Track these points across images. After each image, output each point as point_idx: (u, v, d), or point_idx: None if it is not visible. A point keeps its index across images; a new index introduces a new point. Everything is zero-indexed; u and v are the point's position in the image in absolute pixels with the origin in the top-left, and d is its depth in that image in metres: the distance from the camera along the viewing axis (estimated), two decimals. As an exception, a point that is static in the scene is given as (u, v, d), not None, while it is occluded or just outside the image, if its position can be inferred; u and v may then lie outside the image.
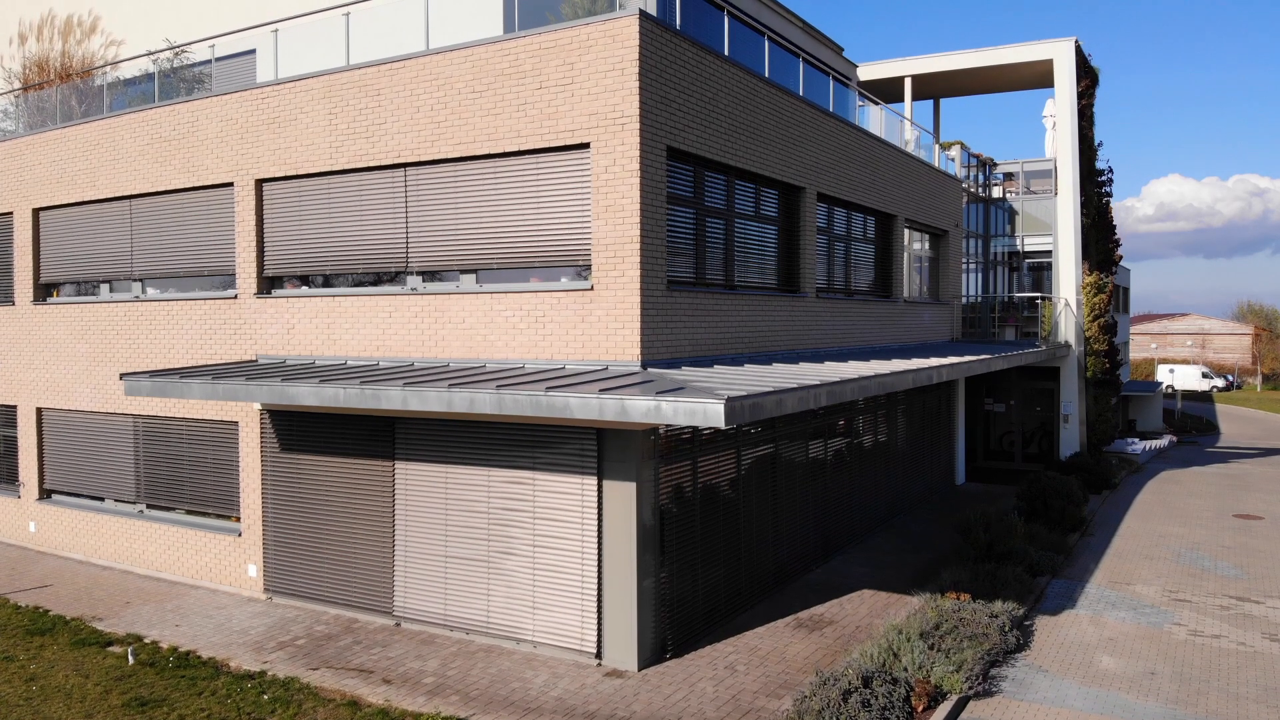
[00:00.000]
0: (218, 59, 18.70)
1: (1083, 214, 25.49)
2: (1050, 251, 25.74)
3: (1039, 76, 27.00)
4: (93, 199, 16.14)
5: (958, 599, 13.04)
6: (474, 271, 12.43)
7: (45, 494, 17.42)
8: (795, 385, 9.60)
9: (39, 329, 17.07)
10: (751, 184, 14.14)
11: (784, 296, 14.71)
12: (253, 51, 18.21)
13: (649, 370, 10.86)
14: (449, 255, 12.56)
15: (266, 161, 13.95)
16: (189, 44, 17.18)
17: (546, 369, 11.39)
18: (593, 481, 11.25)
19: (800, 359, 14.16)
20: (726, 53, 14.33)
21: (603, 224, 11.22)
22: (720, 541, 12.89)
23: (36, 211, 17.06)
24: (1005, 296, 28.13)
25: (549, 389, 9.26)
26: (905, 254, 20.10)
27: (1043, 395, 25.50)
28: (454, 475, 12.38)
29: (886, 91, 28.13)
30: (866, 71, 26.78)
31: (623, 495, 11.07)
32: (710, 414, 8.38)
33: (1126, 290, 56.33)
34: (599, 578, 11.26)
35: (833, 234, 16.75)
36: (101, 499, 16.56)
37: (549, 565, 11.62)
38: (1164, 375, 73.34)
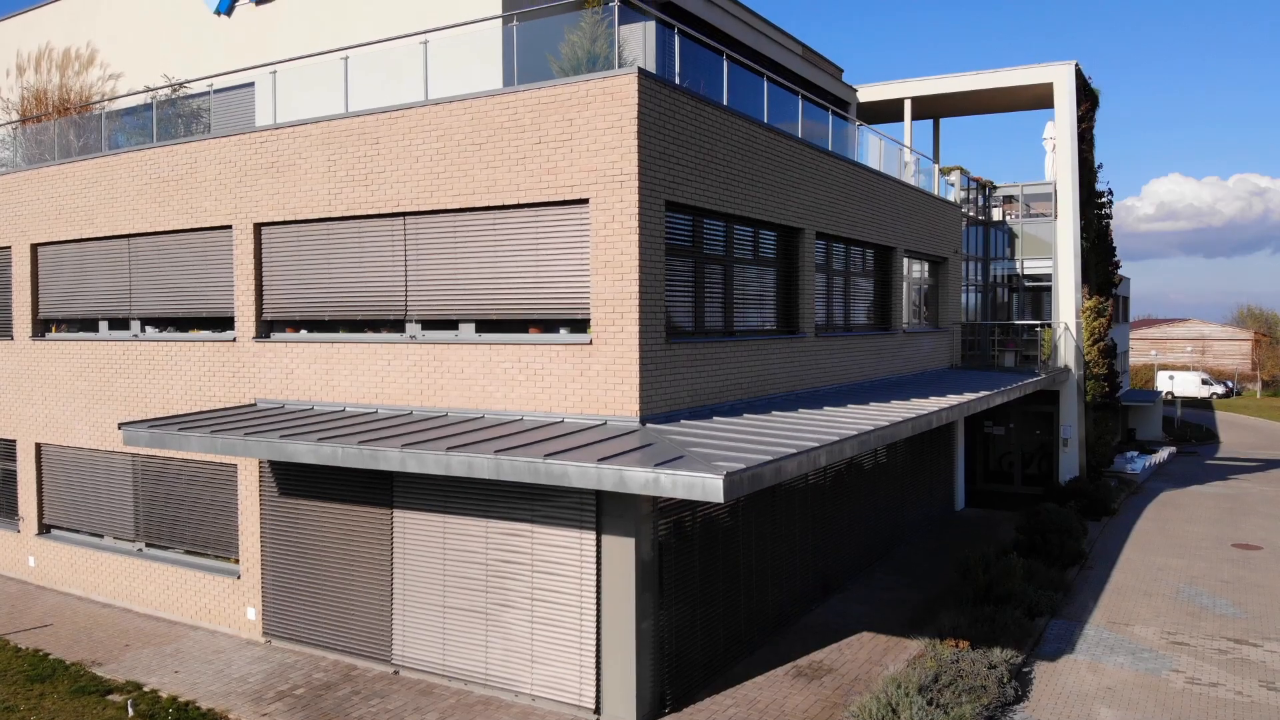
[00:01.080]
0: (216, 91, 18.70)
1: (1082, 237, 25.48)
2: (1050, 275, 25.74)
3: (1039, 98, 26.99)
4: (91, 236, 16.14)
5: (956, 646, 13.05)
6: (473, 321, 12.43)
7: (44, 529, 17.42)
8: (794, 450, 9.60)
9: (38, 364, 17.07)
10: (750, 227, 14.14)
11: (783, 339, 14.71)
12: (251, 85, 18.20)
13: (648, 427, 10.87)
14: (448, 304, 12.56)
15: (265, 205, 13.94)
16: (187, 83, 17.16)
17: (545, 422, 11.40)
18: (591, 536, 11.25)
19: (798, 401, 14.16)
20: (725, 94, 14.35)
21: (602, 279, 11.22)
22: (720, 590, 12.89)
23: (35, 247, 17.05)
24: (1005, 320, 28.13)
25: (547, 456, 9.27)
26: (904, 284, 20.10)
27: (1042, 418, 25.50)
28: (452, 525, 12.38)
29: (886, 112, 28.12)
30: (866, 93, 26.75)
31: (621, 551, 11.06)
32: (709, 489, 8.38)
33: (1126, 300, 56.33)
34: (598, 632, 11.26)
35: (831, 270, 16.75)
36: (100, 536, 16.56)
37: (547, 619, 11.63)
38: (1164, 382, 73.33)
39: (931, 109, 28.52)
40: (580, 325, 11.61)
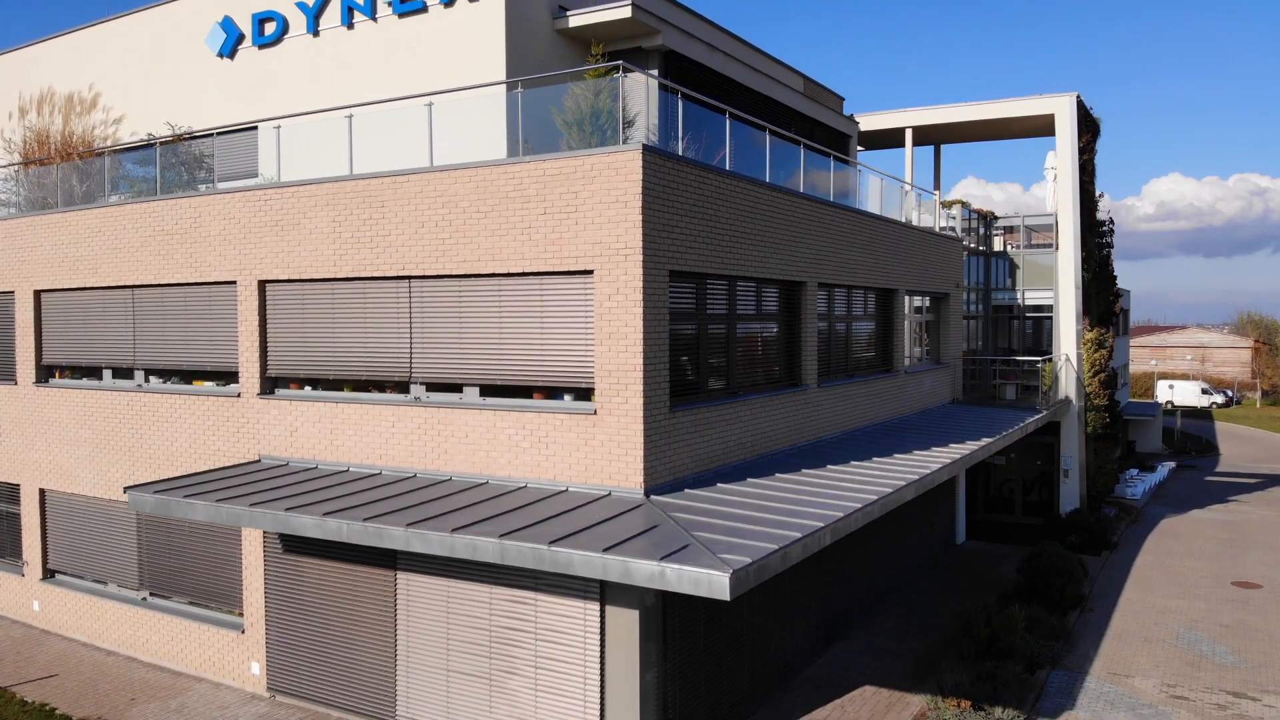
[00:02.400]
0: (220, 131, 18.75)
1: (1083, 268, 25.52)
2: (1051, 305, 25.78)
3: (1041, 127, 27.01)
4: (95, 285, 16.17)
5: (958, 706, 13.12)
6: (477, 385, 12.48)
7: (49, 573, 17.47)
8: (799, 535, 9.66)
9: (41, 410, 17.11)
10: (753, 283, 14.19)
11: (785, 393, 14.75)
12: (254, 127, 18.26)
13: (652, 500, 10.92)
14: (452, 368, 12.61)
15: (269, 263, 13.98)
16: (192, 134, 17.19)
17: (550, 491, 11.45)
18: (595, 607, 11.29)
19: (801, 458, 14.20)
20: (728, 149, 14.39)
21: (606, 350, 11.27)
22: (723, 654, 12.95)
23: (38, 293, 17.08)
24: (1006, 348, 28.16)
25: (552, 543, 9.32)
26: (906, 323, 20.14)
27: (1043, 448, 25.55)
28: (455, 589, 12.43)
29: (888, 140, 28.15)
30: (868, 122, 26.78)
31: (625, 622, 11.11)
32: (715, 586, 8.44)
33: (1126, 312, 56.39)
34: (601, 703, 11.31)
35: (833, 317, 16.79)
36: (104, 583, 16.61)
37: (551, 687, 11.68)
38: (1163, 391, 73.38)
39: (932, 137, 28.55)
40: (585, 393, 11.67)
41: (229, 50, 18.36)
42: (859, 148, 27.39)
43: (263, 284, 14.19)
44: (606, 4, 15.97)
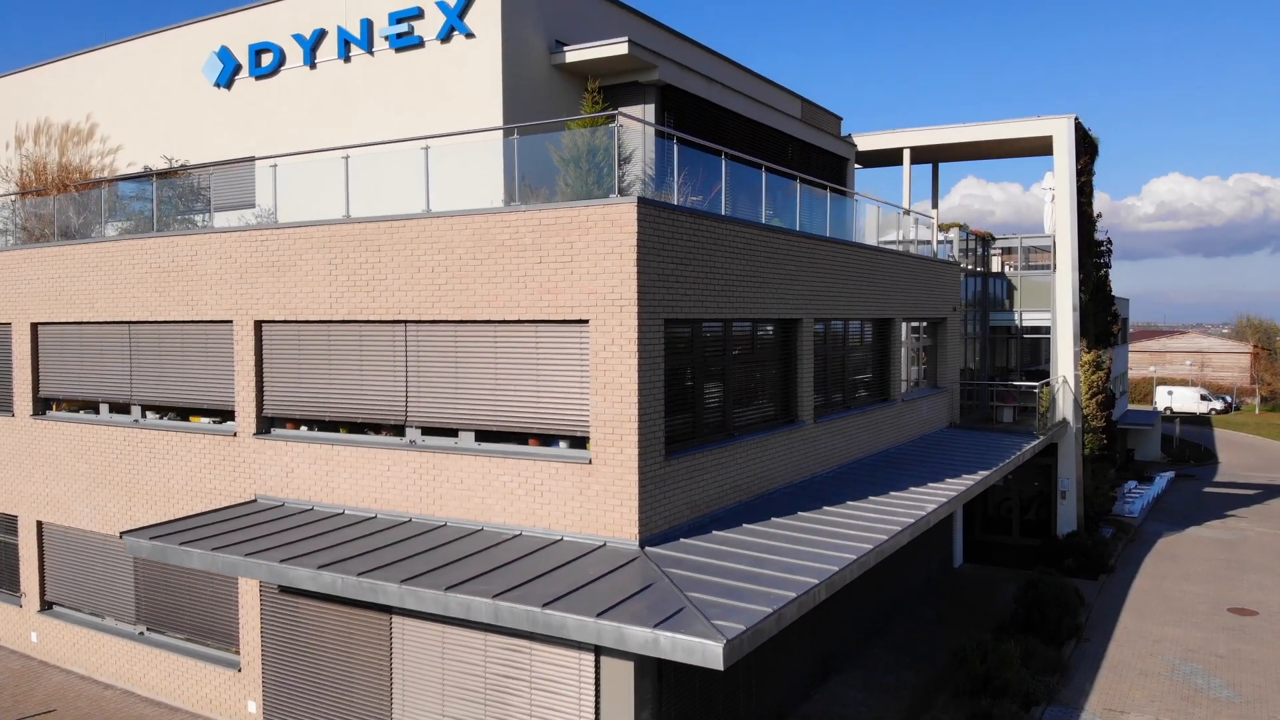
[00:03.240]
0: (216, 164, 18.77)
1: (1081, 290, 25.53)
2: (1049, 327, 25.79)
3: (1039, 147, 27.01)
4: (91, 320, 16.18)
5: (953, 749, 13.14)
6: (473, 430, 12.49)
7: (46, 605, 17.48)
8: (794, 595, 9.68)
9: (38, 443, 17.12)
10: (749, 323, 14.20)
11: (781, 430, 14.76)
12: (252, 159, 18.27)
13: (647, 552, 10.94)
14: (448, 412, 12.62)
15: (266, 304, 13.99)
16: (188, 166, 17.20)
17: (545, 541, 11.48)
18: (590, 658, 11.30)
19: (797, 498, 14.22)
20: (724, 187, 14.41)
21: (601, 400, 11.28)
22: (720, 697, 12.96)
23: (35, 326, 17.09)
24: (1004, 367, 28.18)
25: (545, 605, 9.34)
26: (903, 350, 20.15)
27: (1040, 469, 25.57)
28: (451, 635, 12.44)
29: (886, 159, 28.14)
30: (865, 142, 26.77)
31: (621, 672, 11.11)
32: (709, 655, 8.45)
33: (1125, 320, 56.41)
34: (597, 752, 11.33)
35: (829, 350, 16.80)
36: (102, 617, 16.63)
37: (547, 735, 11.69)
38: (1162, 397, 73.41)
39: (930, 156, 28.54)
40: (580, 441, 11.68)
41: (226, 81, 18.36)
42: (857, 165, 27.41)
43: (259, 324, 14.20)
44: (603, 41, 15.97)
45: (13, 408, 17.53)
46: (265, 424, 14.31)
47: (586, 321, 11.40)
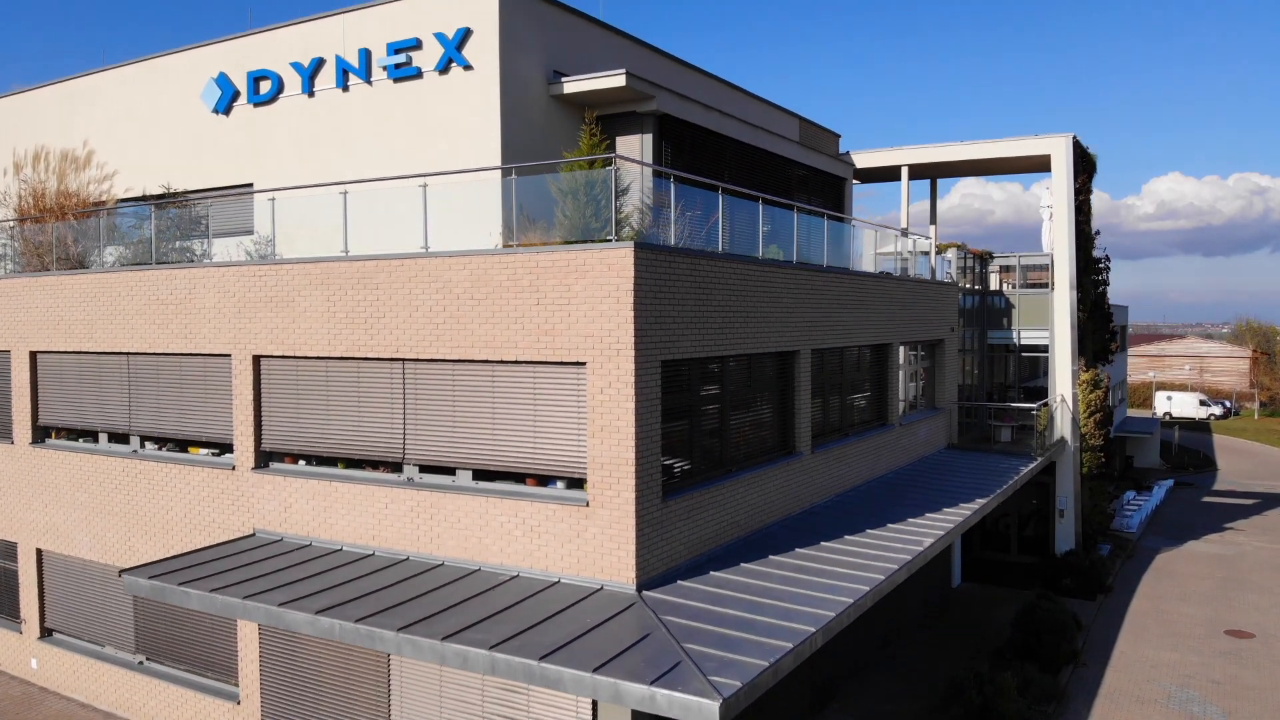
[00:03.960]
0: (215, 193, 18.80)
1: (1079, 308, 25.55)
2: (1047, 345, 25.80)
3: (1037, 165, 27.01)
4: (90, 350, 16.21)
5: (949, 784, 13.18)
6: (470, 469, 12.52)
7: (46, 632, 17.52)
8: (790, 645, 9.71)
9: (38, 471, 17.14)
10: (746, 359, 14.21)
11: (779, 464, 14.79)
12: (250, 185, 18.31)
13: (644, 597, 10.98)
14: (446, 451, 12.66)
15: (264, 339, 14.02)
16: (188, 195, 17.23)
17: (543, 583, 11.51)
18: (587, 702, 11.35)
19: (795, 532, 14.26)
20: (720, 221, 14.43)
21: (598, 443, 11.31)
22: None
23: (34, 354, 17.11)
24: (1002, 383, 28.19)
25: (543, 658, 9.37)
26: (901, 374, 20.18)
27: (1038, 488, 25.58)
28: (449, 674, 12.47)
29: (884, 175, 28.16)
30: (864, 159, 26.79)
31: (617, 717, 11.16)
32: (705, 713, 8.48)
33: (1125, 328, 56.43)
34: (594, 793, 11.37)
35: (827, 379, 16.82)
36: (101, 645, 16.66)
37: (544, 776, 11.73)
38: (1161, 402, 73.45)
39: (928, 172, 28.55)
40: (578, 482, 11.72)
41: (224, 107, 18.38)
42: (855, 181, 27.42)
43: (257, 359, 14.22)
44: (602, 73, 15.99)
45: (12, 435, 17.56)
46: (264, 458, 14.34)
47: (584, 364, 11.43)
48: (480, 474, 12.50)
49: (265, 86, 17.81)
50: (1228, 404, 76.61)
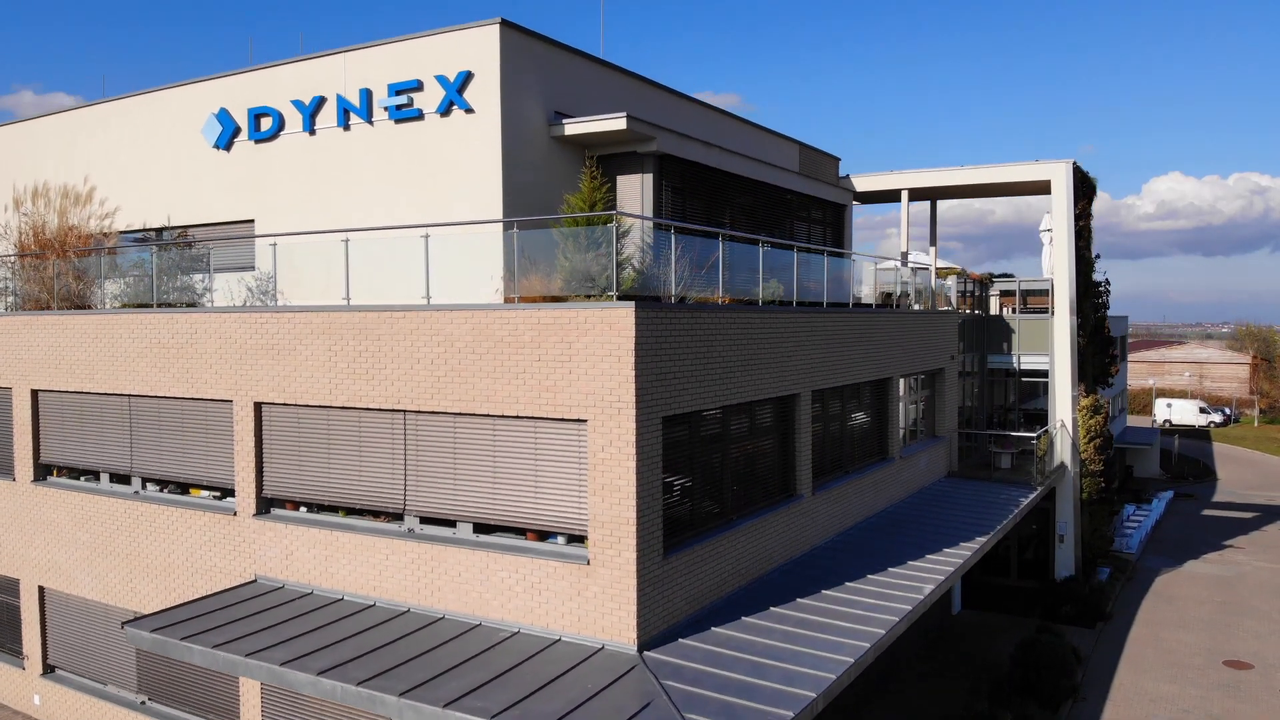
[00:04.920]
0: (216, 224, 18.83)
1: (1079, 333, 25.58)
2: (1047, 371, 25.82)
3: (1037, 188, 27.02)
4: (91, 391, 16.23)
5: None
6: (471, 522, 12.56)
7: (49, 668, 17.54)
8: (791, 714, 9.73)
9: (39, 509, 17.17)
10: (746, 406, 14.22)
11: (780, 509, 14.81)
12: (251, 221, 18.34)
13: (645, 659, 11.01)
14: (447, 503, 12.69)
15: (265, 386, 14.04)
16: (189, 237, 17.24)
17: (544, 641, 11.53)
18: (589, 758, 11.37)
19: (796, 579, 14.29)
20: (720, 269, 14.46)
21: (599, 501, 11.34)
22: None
23: (35, 392, 17.14)
24: (1002, 404, 28.21)
25: (545, 729, 9.40)
26: (901, 405, 20.20)
27: (1039, 513, 25.63)
28: (452, 726, 12.50)
29: (884, 198, 28.17)
30: (864, 183, 26.79)
31: (618, 772, 11.20)
32: (704, 791, 8.51)
33: (1124, 337, 56.46)
34: None
35: (827, 417, 16.84)
36: (104, 684, 16.69)
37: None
38: (1161, 410, 73.51)
39: (928, 194, 28.54)
40: (578, 538, 11.75)
41: (225, 143, 18.39)
42: (855, 201, 27.41)
43: (258, 405, 14.25)
44: (603, 116, 16.00)
45: (14, 472, 17.58)
46: (265, 504, 14.37)
47: (585, 421, 11.45)
48: (481, 527, 12.54)
49: (266, 123, 17.83)
50: (1228, 411, 76.66)
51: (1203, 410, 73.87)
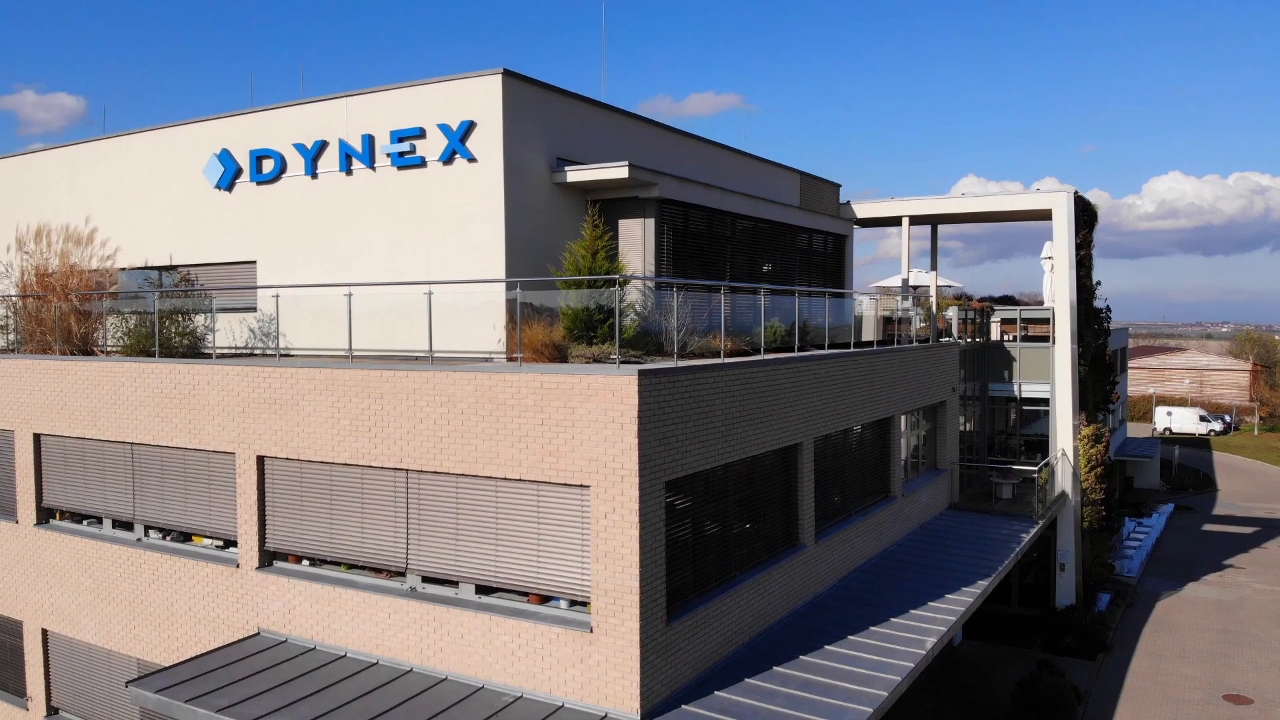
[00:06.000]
0: (218, 264, 18.84)
1: (1080, 361, 25.60)
2: (1048, 399, 25.84)
3: (1038, 216, 27.04)
4: (94, 437, 16.24)
5: None
6: (473, 583, 12.57)
7: (52, 710, 17.57)
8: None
9: (42, 553, 17.18)
10: (749, 461, 14.24)
11: (782, 561, 14.83)
12: (253, 262, 18.35)
13: (647, 726, 11.04)
14: (449, 563, 12.70)
15: (267, 440, 14.06)
16: (191, 282, 17.26)
17: (545, 708, 11.55)
18: (592, 824, 11.40)
19: (798, 632, 14.31)
20: (723, 317, 14.49)
21: (602, 569, 11.36)
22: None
23: (37, 436, 17.15)
24: (1003, 431, 28.22)
25: (549, 809, 9.42)
26: (903, 441, 20.21)
27: (1040, 541, 25.63)
28: (455, 786, 12.52)
29: (885, 224, 28.19)
30: (865, 210, 26.82)
31: (621, 839, 11.23)
32: None
33: (1124, 350, 56.47)
34: None
35: (829, 461, 16.85)
36: (106, 729, 16.74)
37: None
38: (1161, 418, 73.60)
39: (929, 220, 28.58)
40: (582, 606, 11.76)
41: (227, 184, 18.38)
42: (856, 224, 27.43)
43: (261, 459, 14.26)
44: (605, 164, 16.01)
45: (16, 514, 17.60)
46: (268, 557, 14.39)
47: (588, 487, 11.47)
48: (484, 587, 12.55)
49: (268, 165, 17.82)
50: (1227, 419, 76.74)
51: (1203, 418, 73.94)
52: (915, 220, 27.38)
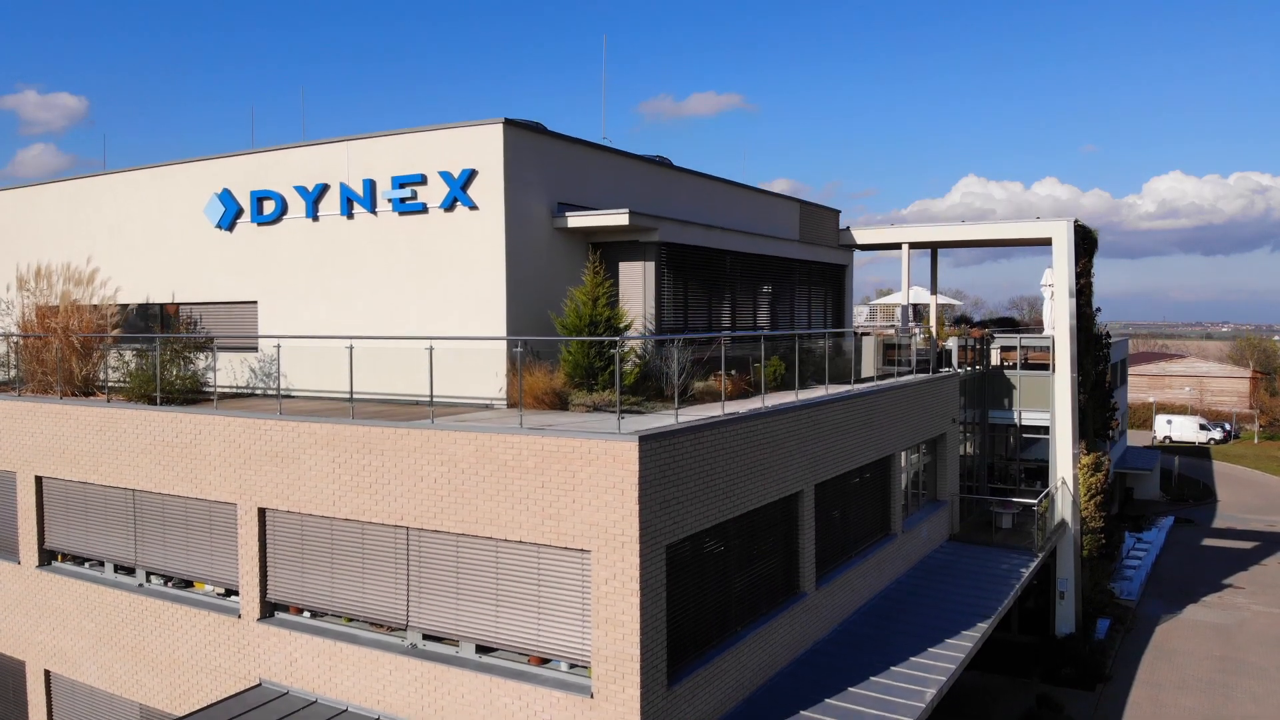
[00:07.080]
0: (219, 303, 18.86)
1: (1080, 389, 25.61)
2: (1048, 427, 25.83)
3: (1038, 243, 27.05)
4: (95, 482, 16.26)
5: None
6: (474, 642, 12.60)
7: (52, 751, 17.63)
8: None
9: (44, 595, 17.21)
10: (749, 514, 14.24)
11: (783, 611, 14.84)
12: (254, 302, 18.38)
13: (648, 792, 11.06)
14: (449, 623, 12.73)
15: (269, 492, 14.08)
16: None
17: (547, 769, 11.58)
18: None
19: (799, 683, 14.34)
20: (723, 357, 14.53)
21: (603, 635, 11.38)
22: None
23: (39, 479, 17.17)
24: (1003, 455, 28.25)
25: None
26: (903, 476, 20.22)
27: (1040, 568, 25.64)
28: (456, 844, 12.56)
29: (884, 248, 28.20)
30: (864, 235, 26.84)
31: None
32: None
33: (1124, 361, 56.50)
34: None
35: (828, 505, 16.85)
36: (107, 771, 16.77)
37: None
38: (1161, 426, 73.56)
39: (929, 246, 28.58)
40: (582, 670, 11.79)
41: (228, 224, 18.40)
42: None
43: (262, 510, 14.29)
44: (606, 211, 16.04)
45: (18, 555, 17.62)
46: (269, 608, 14.41)
47: (588, 551, 11.49)
48: (485, 648, 12.58)
49: (269, 207, 17.84)
50: (1228, 426, 76.71)
51: (1203, 427, 73.92)
52: (915, 246, 27.40)
